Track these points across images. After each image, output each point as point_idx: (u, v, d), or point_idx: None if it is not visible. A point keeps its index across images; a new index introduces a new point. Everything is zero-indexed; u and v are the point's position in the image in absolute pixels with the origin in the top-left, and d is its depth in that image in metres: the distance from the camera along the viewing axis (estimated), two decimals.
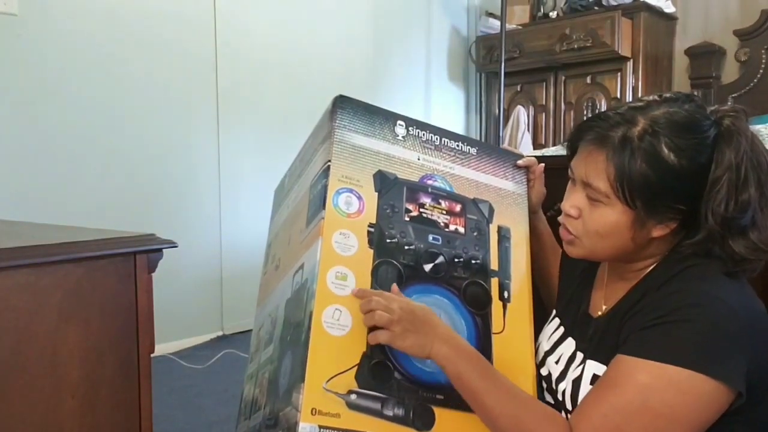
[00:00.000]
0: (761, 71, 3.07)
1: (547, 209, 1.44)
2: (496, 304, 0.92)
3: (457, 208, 0.96)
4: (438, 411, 0.81)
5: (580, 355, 0.85)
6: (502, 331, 0.90)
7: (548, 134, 3.54)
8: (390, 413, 0.78)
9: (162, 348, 2.42)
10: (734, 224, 0.73)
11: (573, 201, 0.81)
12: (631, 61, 3.21)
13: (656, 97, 0.79)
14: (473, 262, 0.93)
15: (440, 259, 0.91)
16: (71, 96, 2.28)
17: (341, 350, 0.78)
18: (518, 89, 3.66)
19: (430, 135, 1.00)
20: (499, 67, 3.38)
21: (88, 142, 2.33)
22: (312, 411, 0.73)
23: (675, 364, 0.68)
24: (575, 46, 3.26)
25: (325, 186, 0.88)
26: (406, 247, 0.89)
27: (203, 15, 2.65)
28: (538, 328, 0.98)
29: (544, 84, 3.55)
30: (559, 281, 1.02)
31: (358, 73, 3.29)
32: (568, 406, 0.82)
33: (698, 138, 0.74)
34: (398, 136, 0.97)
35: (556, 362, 0.88)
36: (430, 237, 0.92)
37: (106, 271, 0.88)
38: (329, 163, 0.89)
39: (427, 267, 0.89)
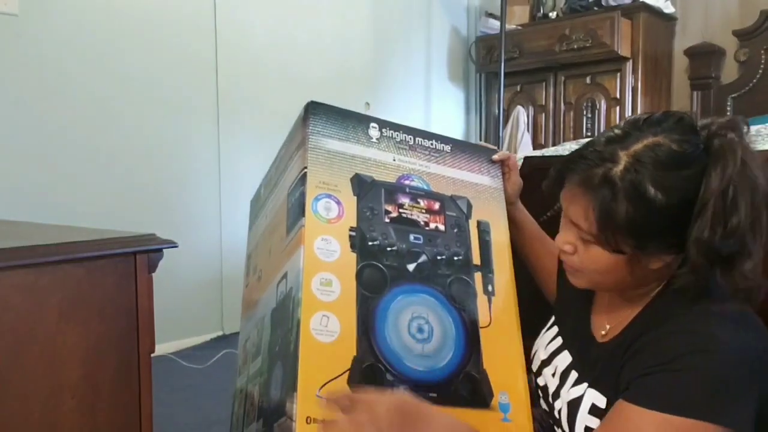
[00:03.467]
0: (761, 71, 3.07)
1: (544, 211, 1.44)
2: (481, 299, 0.92)
3: (436, 206, 0.97)
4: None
5: (574, 374, 0.83)
6: (488, 325, 0.91)
7: (548, 134, 3.55)
8: None
9: (162, 348, 2.42)
10: (721, 253, 0.68)
11: (566, 237, 0.78)
12: (631, 61, 3.22)
13: (638, 123, 0.73)
14: (455, 258, 0.93)
15: (423, 258, 0.91)
16: (71, 96, 2.28)
17: (332, 356, 0.78)
18: (518, 89, 3.66)
19: (404, 135, 1.01)
20: (499, 67, 3.38)
21: (88, 142, 2.33)
22: (307, 419, 0.73)
23: (681, 414, 0.66)
24: (575, 47, 3.26)
25: (303, 193, 0.88)
26: (389, 249, 0.89)
27: (203, 15, 2.65)
28: (531, 325, 0.98)
29: (544, 84, 3.55)
30: (557, 283, 1.01)
31: (358, 74, 3.29)
32: (565, 427, 0.81)
33: (686, 173, 0.68)
34: (372, 138, 0.98)
35: (552, 375, 0.87)
36: (412, 237, 0.92)
37: (107, 271, 0.88)
38: (306, 170, 0.89)
39: (411, 267, 0.90)
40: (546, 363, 0.90)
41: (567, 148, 1.90)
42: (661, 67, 3.36)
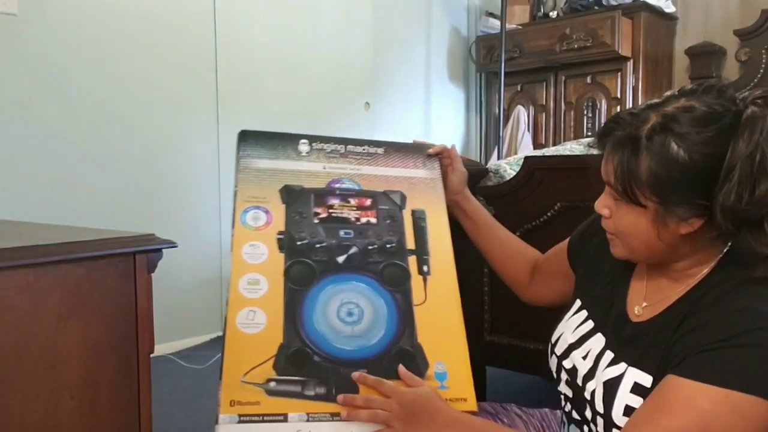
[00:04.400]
0: (761, 71, 3.06)
1: (544, 212, 1.44)
2: (416, 279, 0.95)
3: (368, 202, 1.00)
4: (362, 384, 0.83)
5: (610, 354, 0.83)
6: (423, 302, 0.94)
7: (548, 134, 3.54)
8: (311, 393, 0.81)
9: (162, 348, 2.42)
10: (747, 217, 0.68)
11: (603, 201, 0.81)
12: (631, 60, 3.21)
13: (676, 92, 0.75)
14: (388, 246, 0.97)
15: (354, 249, 0.95)
16: (71, 96, 2.28)
17: (258, 345, 0.82)
18: (518, 89, 3.66)
19: (335, 146, 1.05)
20: (499, 67, 3.38)
21: (88, 141, 2.33)
22: (231, 402, 0.78)
23: (739, 390, 0.66)
24: (575, 46, 3.26)
25: (234, 209, 0.93)
26: (318, 246, 0.93)
27: (203, 15, 2.65)
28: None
29: (544, 84, 3.55)
30: (573, 270, 1.01)
31: (358, 73, 3.28)
32: (598, 407, 0.81)
33: (713, 131, 0.69)
34: (302, 152, 1.03)
35: (584, 357, 0.86)
36: (342, 232, 0.96)
37: (106, 271, 0.88)
38: (236, 189, 0.96)
39: (341, 258, 0.93)
40: (575, 346, 0.89)
41: (568, 147, 1.90)
42: (662, 66, 3.36)
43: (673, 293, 0.79)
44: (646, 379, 0.76)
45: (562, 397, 0.91)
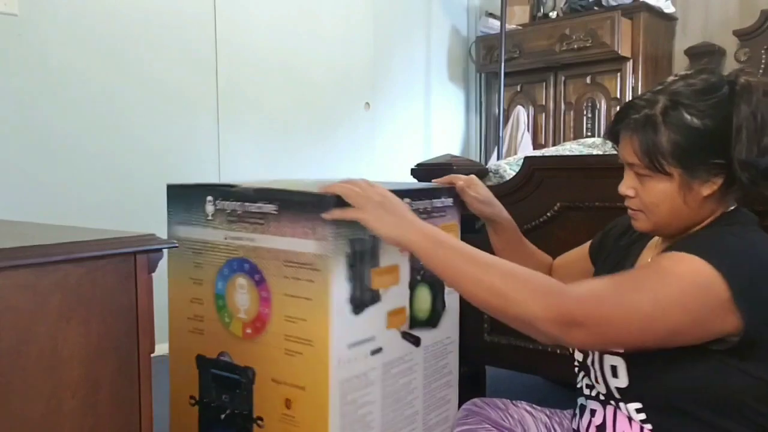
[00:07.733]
0: (761, 71, 3.06)
1: (544, 212, 1.44)
2: None
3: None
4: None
5: None
6: None
7: (548, 134, 3.54)
8: None
9: (162, 348, 2.41)
10: (759, 168, 0.79)
11: (627, 183, 0.88)
12: (631, 61, 3.22)
13: (674, 77, 0.85)
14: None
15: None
16: (71, 96, 2.28)
17: None
18: (518, 89, 3.66)
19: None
20: (499, 67, 3.38)
21: (89, 141, 2.33)
22: None
23: (680, 251, 0.77)
24: (575, 47, 3.26)
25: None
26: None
27: (203, 15, 2.66)
28: None
29: (544, 84, 3.55)
30: (594, 264, 1.06)
31: (358, 73, 3.28)
32: (596, 364, 0.87)
33: (715, 98, 0.80)
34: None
35: None
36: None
37: (107, 272, 0.88)
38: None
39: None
40: None
41: (567, 148, 1.90)
42: (662, 67, 3.36)
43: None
44: None
45: (582, 377, 0.93)
